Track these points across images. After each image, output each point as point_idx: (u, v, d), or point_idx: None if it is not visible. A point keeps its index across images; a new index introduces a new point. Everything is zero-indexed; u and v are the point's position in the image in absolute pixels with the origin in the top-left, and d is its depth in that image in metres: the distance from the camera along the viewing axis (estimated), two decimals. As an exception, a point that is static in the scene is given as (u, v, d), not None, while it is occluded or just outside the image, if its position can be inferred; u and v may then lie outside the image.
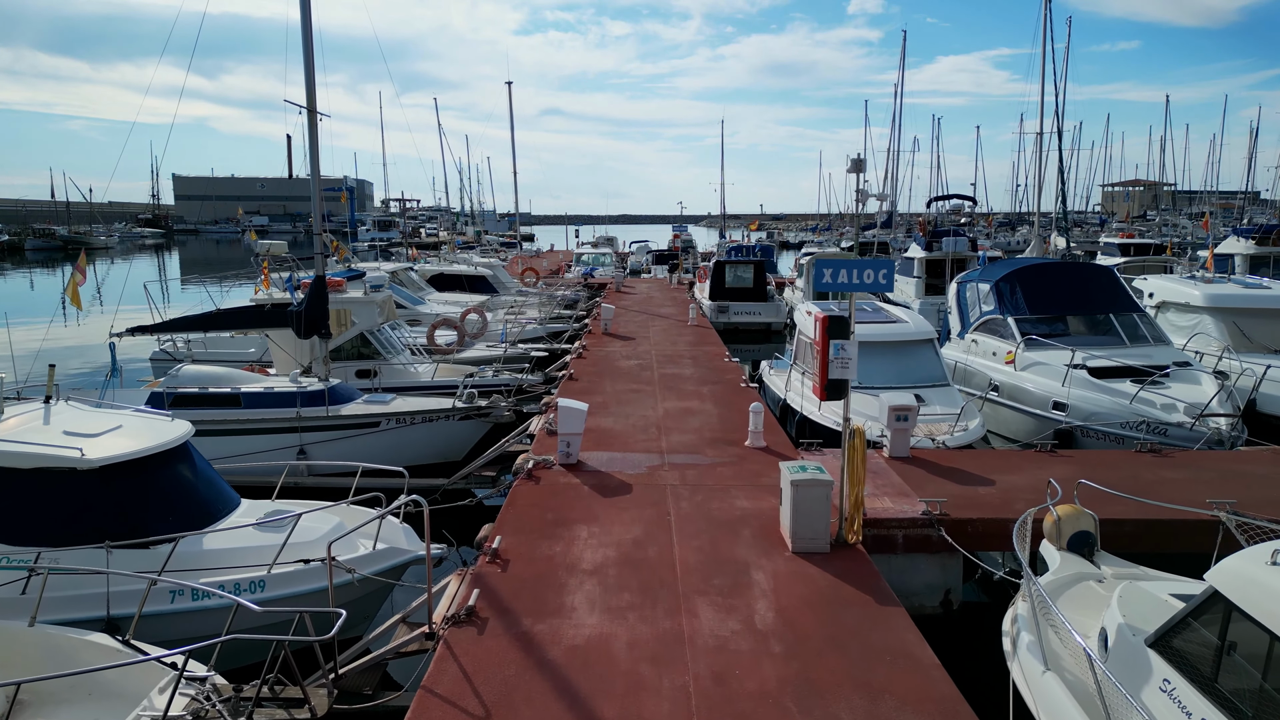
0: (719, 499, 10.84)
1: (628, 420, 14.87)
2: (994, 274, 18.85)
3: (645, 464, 12.31)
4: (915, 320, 17.27)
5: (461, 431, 16.24)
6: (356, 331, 18.64)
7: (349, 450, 15.61)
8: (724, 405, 16.09)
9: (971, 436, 14.11)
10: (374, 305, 18.65)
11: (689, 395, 16.90)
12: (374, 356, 18.73)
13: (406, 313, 24.56)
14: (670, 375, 18.85)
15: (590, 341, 23.53)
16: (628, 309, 31.17)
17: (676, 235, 63.16)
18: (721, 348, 22.80)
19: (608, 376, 18.76)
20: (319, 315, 16.38)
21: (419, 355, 20.34)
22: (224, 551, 9.43)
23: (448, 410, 15.86)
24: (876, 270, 9.19)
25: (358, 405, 15.97)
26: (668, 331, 25.54)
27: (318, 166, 16.21)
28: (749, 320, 33.04)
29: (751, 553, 9.19)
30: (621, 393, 17.10)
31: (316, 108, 16.11)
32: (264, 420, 15.35)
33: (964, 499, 10.82)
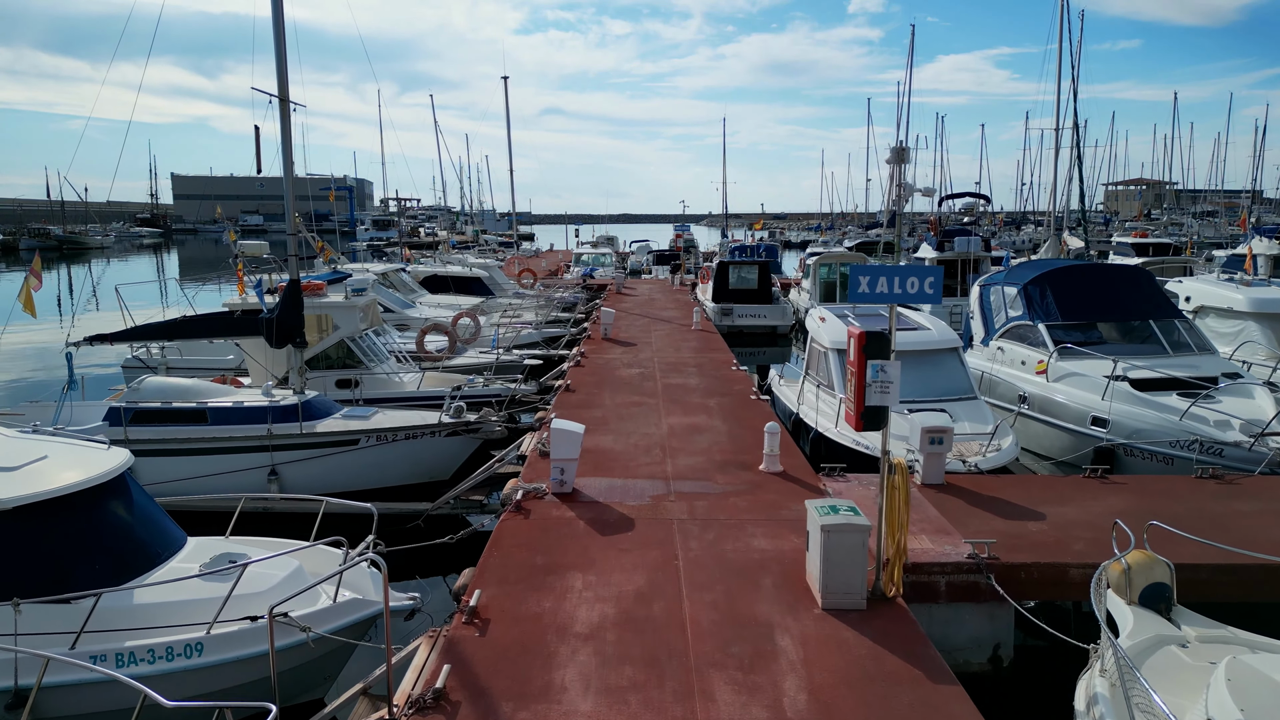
0: (733, 537, 9.43)
1: (629, 439, 13.46)
2: (1022, 276, 17.42)
3: (649, 493, 10.90)
4: (938, 327, 15.86)
5: (448, 449, 14.84)
6: (336, 339, 17.23)
7: (324, 471, 14.22)
8: (734, 421, 14.67)
9: (1005, 457, 12.71)
10: (355, 310, 17.25)
11: (695, 409, 15.48)
12: (355, 365, 17.33)
13: (394, 317, 23.17)
14: (675, 386, 17.44)
15: (589, 348, 22.11)
16: (628, 312, 29.76)
17: (679, 235, 61.53)
18: (728, 354, 21.38)
19: (608, 387, 17.35)
20: (293, 322, 14.97)
21: (405, 363, 18.94)
22: (158, 607, 8.02)
23: (432, 426, 14.46)
24: (921, 279, 7.79)
25: (334, 421, 14.57)
26: (671, 337, 24.13)
27: (290, 160, 14.80)
28: (754, 323, 31.64)
29: (775, 609, 7.78)
30: (622, 406, 15.68)
31: (289, 97, 14.70)
32: (232, 438, 13.94)
33: (1012, 537, 9.41)
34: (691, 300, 34.46)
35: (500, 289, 32.43)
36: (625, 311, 29.64)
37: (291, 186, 14.99)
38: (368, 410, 15.13)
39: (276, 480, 13.99)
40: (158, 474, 13.95)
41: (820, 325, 16.30)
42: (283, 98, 14.64)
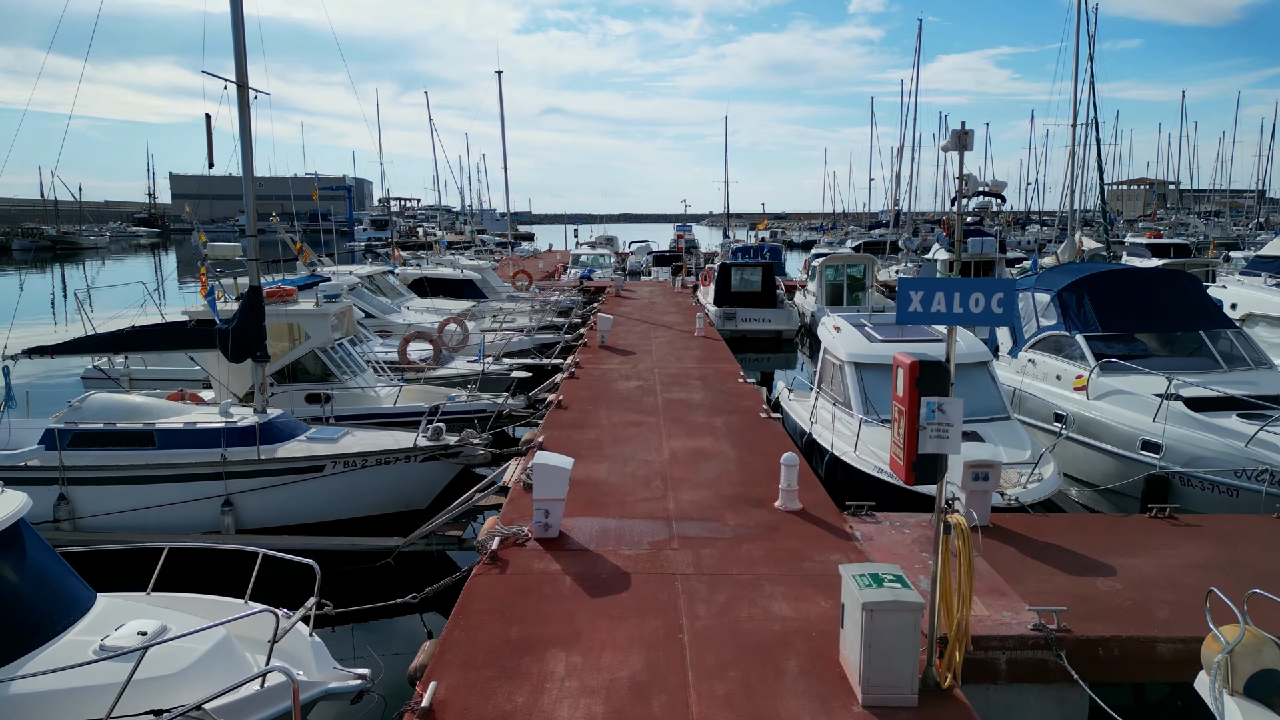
0: (749, 599, 7.83)
1: (625, 467, 11.85)
2: (1055, 282, 15.82)
3: (648, 537, 9.30)
4: (965, 337, 14.26)
5: (425, 475, 13.25)
6: (306, 349, 15.64)
7: (286, 501, 12.64)
8: (743, 444, 13.07)
9: (1048, 489, 11.13)
10: (327, 318, 15.65)
11: (700, 430, 13.88)
12: (326, 378, 15.73)
13: (377, 323, 21.57)
14: (677, 402, 15.83)
15: (585, 356, 20.51)
16: (627, 317, 28.15)
17: (680, 235, 59.63)
18: (734, 364, 19.77)
19: (603, 403, 15.75)
20: (253, 334, 13.37)
21: (384, 375, 17.35)
22: (39, 699, 6.43)
23: (407, 451, 12.86)
24: (989, 294, 6.17)
25: (298, 444, 12.98)
26: (672, 344, 22.51)
27: (250, 152, 13.19)
28: (757, 328, 30.03)
29: (805, 704, 6.18)
30: (619, 426, 14.08)
31: (248, 82, 13.10)
32: (181, 465, 12.34)
33: (1080, 600, 7.82)
34: (693, 304, 32.85)
35: (494, 292, 30.82)
36: (624, 316, 28.04)
37: (252, 182, 13.38)
38: (336, 431, 13.54)
39: (231, 512, 12.40)
40: (99, 504, 12.38)
41: (835, 336, 14.73)
42: (241, 83, 13.04)
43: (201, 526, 12.46)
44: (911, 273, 38.42)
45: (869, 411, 13.09)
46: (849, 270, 32.37)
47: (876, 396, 13.35)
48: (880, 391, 13.41)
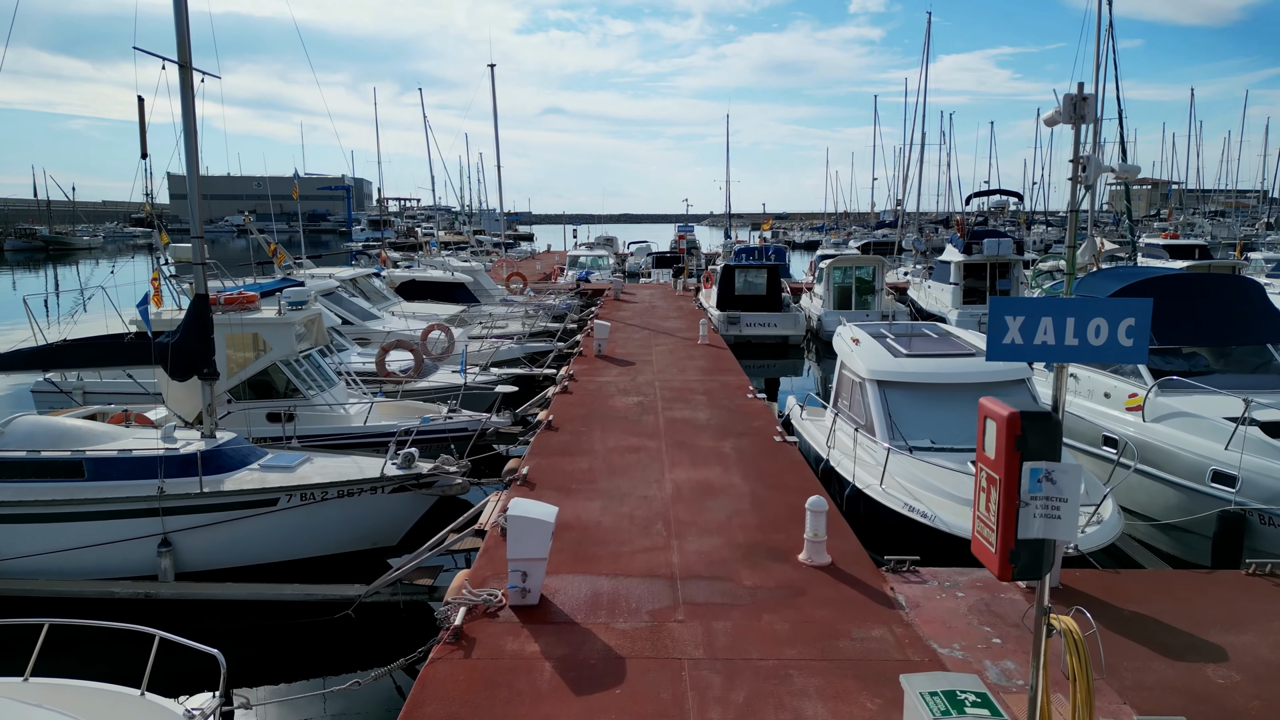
0: (775, 698, 6.13)
1: (622, 505, 10.15)
2: (1102, 288, 14.10)
3: (648, 604, 7.60)
4: (994, 347, 12.56)
5: (395, 508, 11.55)
6: (266, 363, 13.94)
7: (233, 540, 10.94)
8: (757, 475, 11.36)
9: (1110, 532, 9.41)
10: (290, 328, 13.95)
11: (707, 457, 12.17)
12: (290, 394, 14.04)
13: (355, 330, 19.86)
14: (680, 422, 14.12)
15: (580, 367, 18.80)
16: (626, 322, 26.44)
17: (681, 235, 57.64)
18: (741, 376, 18.05)
19: (598, 423, 14.04)
20: (198, 348, 11.67)
21: (356, 389, 15.64)
22: None
23: (372, 481, 11.17)
24: (1114, 320, 4.46)
25: (248, 474, 11.28)
26: (674, 353, 20.79)
27: (195, 142, 11.48)
28: (763, 333, 28.31)
29: None
30: (615, 452, 12.38)
31: (191, 63, 11.39)
32: (113, 499, 10.65)
33: (1196, 698, 6.11)
34: (696, 308, 31.14)
35: (486, 295, 29.10)
36: (622, 322, 26.34)
37: (196, 175, 11.68)
38: (295, 457, 11.84)
39: (169, 554, 10.70)
40: (18, 545, 10.68)
41: (853, 350, 13.03)
42: (183, 64, 11.33)
43: (136, 569, 10.78)
44: (922, 275, 36.67)
45: (895, 437, 11.41)
46: (857, 272, 30.70)
47: (904, 420, 11.68)
48: (908, 414, 11.74)
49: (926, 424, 11.65)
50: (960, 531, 9.13)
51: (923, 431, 11.56)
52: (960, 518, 9.42)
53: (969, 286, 29.30)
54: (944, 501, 10.00)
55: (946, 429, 11.50)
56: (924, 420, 11.69)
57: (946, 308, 28.97)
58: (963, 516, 9.47)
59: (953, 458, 10.83)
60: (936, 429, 11.54)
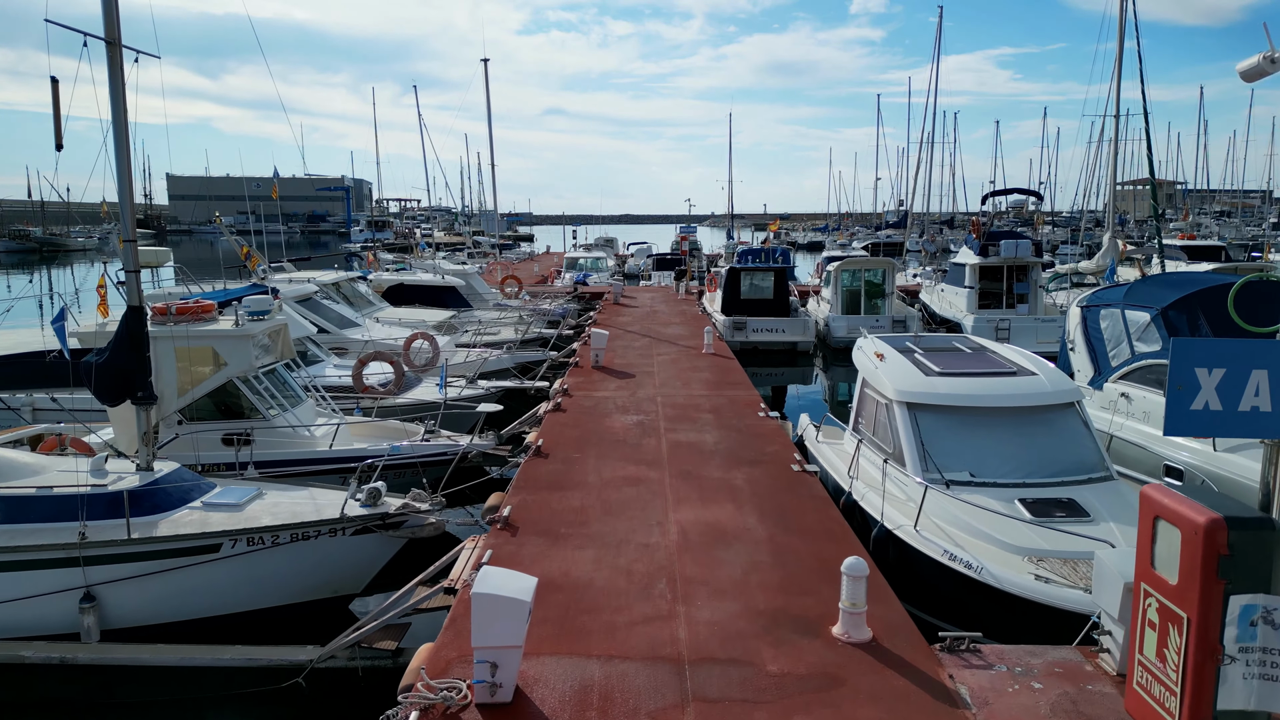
0: None
1: (619, 557, 8.55)
2: (1157, 297, 12.52)
3: (649, 699, 6.00)
4: (1045, 370, 10.98)
5: (358, 552, 9.97)
6: (222, 380, 12.36)
7: (168, 593, 9.36)
8: (775, 516, 9.75)
9: None
10: (247, 341, 12.36)
11: (717, 491, 10.56)
12: (248, 414, 12.45)
13: (332, 339, 18.26)
14: (685, 446, 12.52)
15: (575, 380, 17.20)
16: (625, 329, 24.84)
17: (684, 237, 55.69)
18: (751, 391, 16.44)
19: (593, 447, 12.45)
20: (130, 368, 10.07)
21: (326, 406, 14.05)
22: None
23: (330, 523, 9.59)
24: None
25: (188, 514, 9.71)
26: (678, 364, 19.18)
27: (124, 129, 9.87)
28: (770, 339, 26.74)
29: None
30: (612, 484, 10.78)
31: (120, 39, 9.80)
32: (27, 547, 9.06)
33: None
34: (699, 312, 29.54)
35: (480, 300, 27.50)
36: (622, 328, 24.74)
37: (127, 166, 10.08)
38: (244, 491, 10.25)
39: (93, 609, 9.10)
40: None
41: (878, 367, 11.45)
42: (110, 40, 9.74)
43: (55, 628, 9.20)
44: (933, 278, 35.02)
45: (929, 469, 9.84)
46: (867, 275, 29.14)
47: (939, 449, 10.10)
48: (943, 442, 10.15)
49: (964, 454, 10.06)
50: (1013, 588, 7.60)
51: (960, 463, 9.98)
52: (1011, 569, 7.91)
53: (985, 290, 27.71)
54: (990, 549, 8.46)
55: (987, 460, 9.92)
56: (961, 450, 10.11)
57: (961, 313, 27.36)
58: (1013, 568, 7.96)
59: (997, 495, 9.29)
60: (976, 460, 9.96)
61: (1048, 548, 8.42)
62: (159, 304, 12.66)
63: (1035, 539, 8.54)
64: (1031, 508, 9.05)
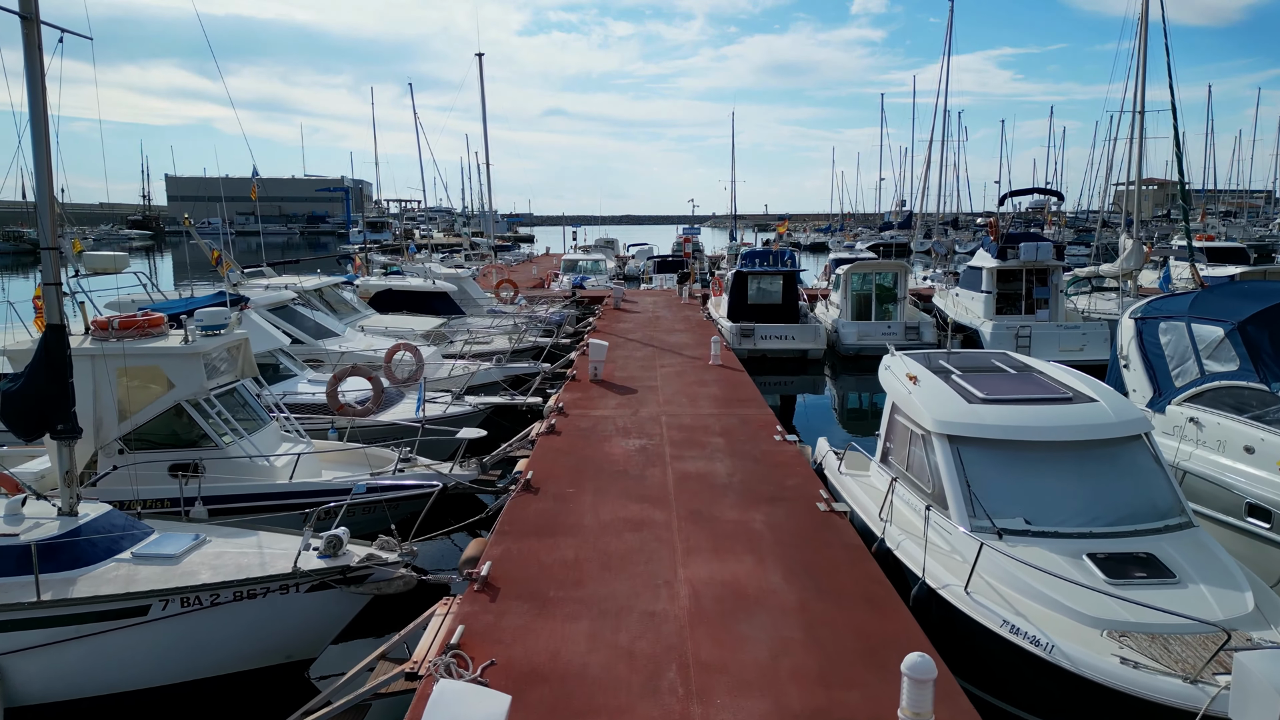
0: None
1: (619, 630, 7.01)
2: (1230, 310, 10.98)
3: None
4: (1107, 396, 9.45)
5: (316, 610, 8.44)
6: (169, 403, 10.82)
7: (86, 664, 7.84)
8: (803, 572, 8.21)
9: None
10: (196, 359, 10.83)
11: (733, 538, 9.02)
12: (199, 442, 10.91)
13: (305, 350, 16.70)
14: (695, 479, 10.98)
15: (572, 396, 15.67)
16: (626, 337, 23.31)
17: (687, 239, 53.81)
18: (764, 409, 14.88)
19: (590, 480, 10.92)
20: (50, 397, 8.55)
21: (291, 431, 12.51)
22: None
23: (282, 579, 8.07)
24: None
25: (113, 568, 8.19)
26: (683, 377, 17.64)
27: (43, 118, 8.35)
28: (780, 347, 25.16)
29: None
30: (611, 529, 9.24)
31: (38, 13, 8.28)
32: (-86, 610, 7.55)
33: None
34: (704, 318, 27.99)
35: (474, 305, 25.98)
36: (623, 336, 23.21)
37: (49, 167, 8.56)
38: (185, 538, 8.72)
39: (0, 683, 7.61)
40: None
41: (911, 391, 9.90)
42: (25, 15, 8.22)
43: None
44: (945, 282, 33.52)
45: (977, 515, 8.32)
46: (878, 279, 27.60)
47: (987, 490, 8.56)
48: (993, 482, 8.62)
49: (1017, 496, 8.52)
50: (1097, 675, 6.10)
51: (1012, 506, 8.44)
52: (1088, 647, 6.41)
53: (1003, 295, 26.19)
54: (1058, 619, 6.94)
55: (1044, 504, 8.38)
56: (1013, 491, 8.56)
57: (979, 318, 25.83)
58: (1090, 645, 6.46)
59: (1060, 548, 7.77)
60: (1031, 504, 8.41)
61: (1131, 620, 6.88)
62: (100, 318, 11.15)
63: (1113, 608, 6.99)
64: (1104, 565, 7.52)
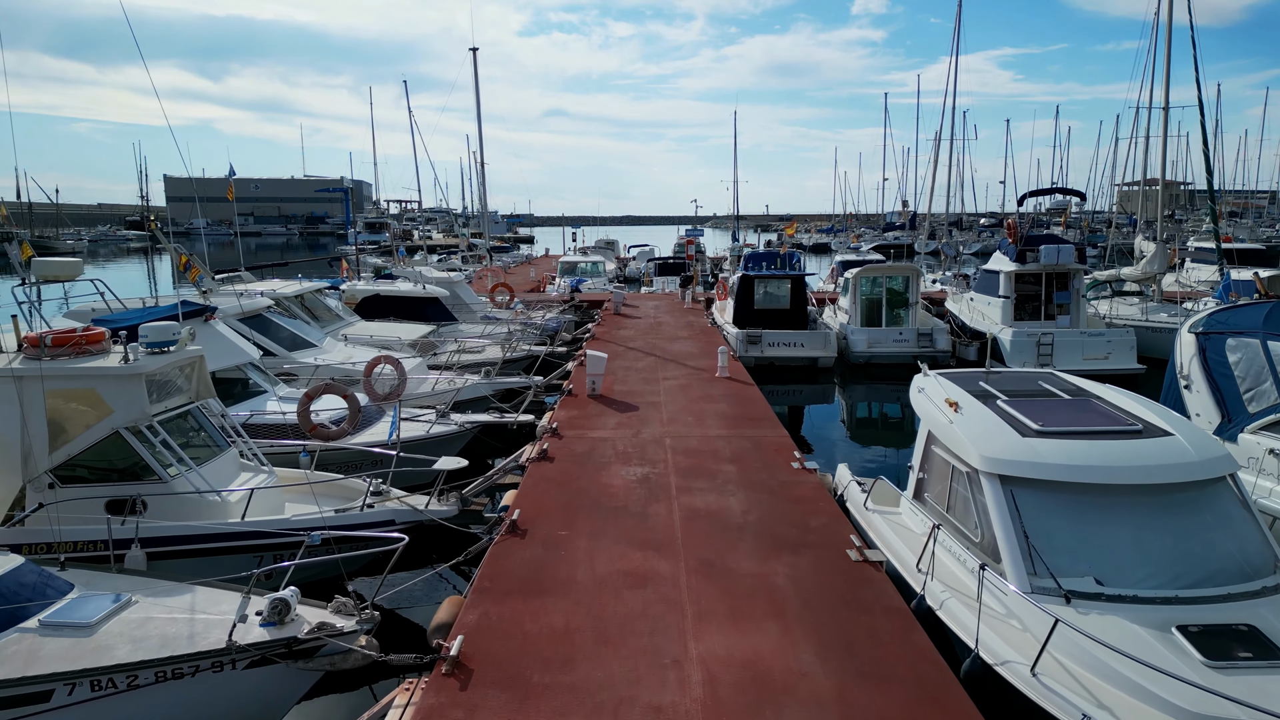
0: None
1: (618, 732, 5.60)
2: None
3: None
4: (1182, 428, 8.02)
5: (258, 689, 7.00)
6: (106, 431, 9.39)
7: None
8: (840, 646, 6.76)
9: None
10: (137, 381, 9.41)
11: (752, 599, 7.58)
12: (140, 475, 9.48)
13: (277, 362, 15.25)
14: (705, 518, 9.55)
15: (567, 415, 14.24)
16: (627, 344, 21.88)
17: (690, 240, 52.11)
18: (779, 430, 13.42)
19: (585, 519, 9.49)
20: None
21: (251, 458, 11.06)
22: None
23: (215, 655, 6.66)
24: None
25: (15, 639, 6.77)
26: (688, 391, 16.20)
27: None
28: (789, 354, 23.73)
29: None
30: (607, 587, 7.81)
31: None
32: None
33: None
34: (709, 324, 26.56)
35: (467, 311, 24.53)
36: (623, 344, 21.78)
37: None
38: (104, 601, 7.29)
39: None
40: None
41: (951, 422, 8.45)
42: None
43: None
44: (956, 285, 32.08)
45: (1038, 574, 6.92)
46: (888, 283, 26.18)
47: (1049, 542, 7.14)
48: (1056, 534, 7.19)
49: (1084, 550, 7.08)
50: None
51: (1080, 563, 6.99)
52: None
53: (1022, 298, 24.76)
54: (1148, 711, 5.54)
55: (1118, 560, 6.95)
56: (1080, 543, 7.12)
57: (996, 325, 24.41)
58: None
59: (1142, 617, 6.36)
60: (1102, 559, 6.97)
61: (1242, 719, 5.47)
62: (33, 334, 9.73)
63: (1220, 704, 5.56)
64: (1199, 642, 6.08)
